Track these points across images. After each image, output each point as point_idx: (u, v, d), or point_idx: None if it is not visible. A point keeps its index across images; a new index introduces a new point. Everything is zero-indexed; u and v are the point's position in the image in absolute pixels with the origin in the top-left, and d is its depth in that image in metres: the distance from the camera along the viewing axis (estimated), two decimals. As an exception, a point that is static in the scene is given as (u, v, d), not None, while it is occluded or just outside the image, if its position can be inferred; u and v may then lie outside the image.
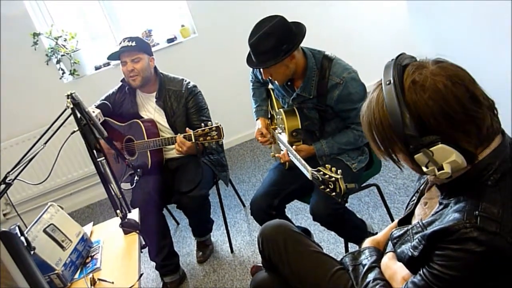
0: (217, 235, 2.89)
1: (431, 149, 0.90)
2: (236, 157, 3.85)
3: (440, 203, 1.02)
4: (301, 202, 2.74)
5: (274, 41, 1.84)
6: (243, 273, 2.50)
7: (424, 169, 0.94)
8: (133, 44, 2.40)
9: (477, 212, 0.89)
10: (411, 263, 1.02)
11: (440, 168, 0.92)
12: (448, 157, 0.91)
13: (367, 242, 1.36)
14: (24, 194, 3.62)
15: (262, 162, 3.64)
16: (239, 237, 2.82)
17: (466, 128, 0.91)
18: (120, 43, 2.43)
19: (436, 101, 0.89)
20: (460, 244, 0.88)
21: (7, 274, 0.98)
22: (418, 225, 1.05)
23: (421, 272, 0.98)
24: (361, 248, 1.34)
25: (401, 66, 0.96)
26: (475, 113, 0.91)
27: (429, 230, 0.95)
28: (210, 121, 2.52)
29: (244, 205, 3.13)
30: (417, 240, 1.00)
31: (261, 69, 1.99)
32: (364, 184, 2.26)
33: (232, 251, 2.71)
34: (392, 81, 0.93)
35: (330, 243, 2.47)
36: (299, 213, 2.83)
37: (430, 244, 0.94)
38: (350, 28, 3.84)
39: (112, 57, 2.46)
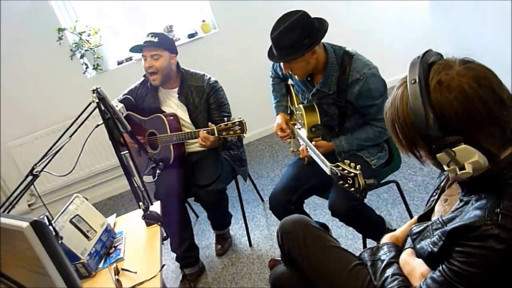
0: (236, 229, 2.93)
1: (453, 149, 0.91)
2: (255, 152, 3.88)
3: (461, 200, 1.03)
4: (320, 198, 2.75)
5: (296, 35, 1.85)
6: (261, 267, 2.53)
7: (446, 168, 0.95)
8: (155, 40, 2.42)
9: (498, 210, 0.89)
10: (431, 259, 1.03)
11: (462, 168, 0.92)
12: (470, 158, 0.91)
13: (386, 238, 1.37)
14: (49, 186, 3.73)
15: (281, 157, 3.66)
16: (258, 231, 2.85)
17: (490, 130, 0.91)
18: (145, 38, 2.45)
19: (461, 103, 0.89)
20: (480, 241, 0.89)
21: (37, 262, 1.02)
22: (438, 222, 1.05)
23: (440, 268, 0.98)
24: (380, 244, 1.35)
25: (427, 65, 0.96)
26: (500, 115, 0.91)
27: (450, 226, 0.96)
28: (231, 116, 2.55)
29: (262, 200, 3.15)
30: (437, 236, 1.01)
31: (282, 64, 2.00)
32: (384, 181, 2.26)
33: (250, 244, 2.75)
34: (417, 80, 0.92)
35: (348, 239, 2.48)
36: (317, 209, 2.85)
37: (450, 241, 0.95)
38: (371, 24, 3.83)
39: (134, 49, 2.47)
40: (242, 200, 2.79)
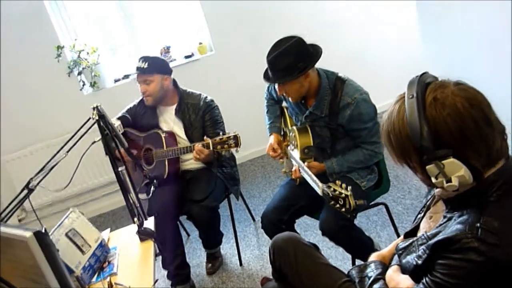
0: (227, 248, 2.95)
1: (443, 161, 0.97)
2: (248, 172, 3.93)
3: (445, 217, 1.08)
4: (310, 219, 2.80)
5: (291, 59, 1.94)
6: (252, 286, 2.54)
7: (434, 180, 1.00)
8: (145, 66, 2.49)
9: (478, 224, 0.95)
10: (416, 272, 1.08)
11: (449, 180, 0.98)
12: (457, 171, 0.97)
13: (373, 256, 1.42)
14: (39, 201, 3.72)
15: (273, 178, 3.70)
16: (248, 251, 2.87)
17: (477, 147, 0.98)
18: (138, 62, 2.53)
19: (454, 119, 0.96)
20: (461, 253, 0.94)
21: (37, 271, 1.05)
22: (423, 237, 1.11)
23: (423, 280, 1.03)
24: (368, 262, 1.40)
25: (425, 83, 1.03)
26: (487, 135, 0.98)
27: (433, 240, 1.01)
28: (225, 133, 2.60)
29: (254, 220, 3.18)
30: (421, 250, 1.06)
31: (276, 85, 2.07)
32: (373, 203, 2.32)
33: (241, 264, 2.76)
34: (415, 96, 1.00)
35: (338, 260, 2.52)
36: (308, 230, 2.88)
37: (433, 253, 1.00)
38: (363, 51, 3.95)
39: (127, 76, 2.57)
40: (234, 219, 2.82)
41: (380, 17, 3.93)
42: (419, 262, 1.06)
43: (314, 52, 2.01)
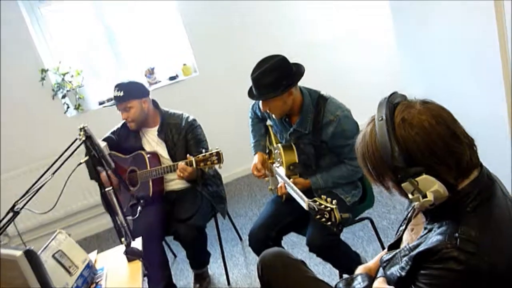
0: (214, 268, 2.93)
1: (416, 179, 1.01)
2: (233, 191, 3.94)
3: (425, 228, 1.12)
4: (297, 236, 2.82)
5: (275, 76, 2.00)
6: (240, 305, 2.54)
7: (410, 196, 1.04)
8: (121, 94, 2.53)
9: (457, 234, 0.98)
10: (400, 284, 1.11)
11: (424, 196, 1.02)
12: (431, 187, 1.01)
13: (360, 269, 1.45)
14: (22, 225, 3.65)
15: (259, 197, 3.72)
16: (236, 270, 2.87)
17: (447, 162, 1.02)
18: (114, 91, 2.55)
19: (422, 137, 1.01)
20: (442, 263, 0.98)
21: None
22: (406, 249, 1.14)
23: None
24: (354, 275, 1.42)
25: (393, 104, 1.07)
26: (455, 148, 1.02)
27: (415, 251, 1.04)
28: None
29: (241, 239, 3.18)
30: (404, 261, 1.09)
31: (260, 102, 2.12)
32: (358, 217, 2.35)
33: (229, 283, 2.75)
34: (384, 118, 1.04)
35: (325, 276, 2.53)
36: (294, 247, 2.89)
37: (415, 265, 1.04)
38: (343, 69, 4.05)
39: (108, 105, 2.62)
40: (220, 239, 2.82)
41: (359, 37, 4.05)
42: (403, 273, 1.09)
43: (297, 70, 2.08)
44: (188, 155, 2.35)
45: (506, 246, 1.01)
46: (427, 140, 1.00)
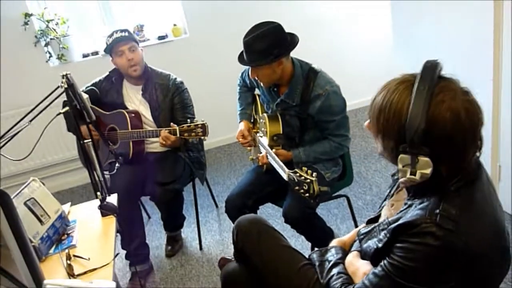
0: (188, 232, 2.94)
1: (419, 157, 1.00)
2: (213, 159, 3.92)
3: (406, 204, 1.13)
4: (273, 208, 2.85)
5: (267, 43, 1.96)
6: (210, 270, 2.56)
7: (400, 166, 1.04)
8: (126, 34, 2.47)
9: (438, 211, 0.99)
10: (376, 256, 1.12)
11: (413, 173, 1.02)
12: (424, 169, 1.01)
13: (334, 242, 1.46)
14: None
15: (239, 167, 3.72)
16: (209, 236, 2.88)
17: (453, 156, 1.02)
18: (112, 36, 2.47)
19: (451, 126, 0.98)
20: (419, 237, 0.99)
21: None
22: (384, 222, 1.15)
23: (382, 263, 1.07)
24: (328, 247, 1.44)
25: (438, 78, 1.02)
26: (468, 147, 1.02)
27: (394, 224, 1.05)
28: (195, 118, 2.59)
29: (217, 206, 3.19)
30: (383, 234, 1.10)
31: (249, 69, 2.08)
32: (335, 194, 2.37)
33: (201, 248, 2.77)
34: (426, 89, 0.99)
35: (297, 249, 2.56)
36: (270, 218, 2.92)
37: (393, 237, 1.05)
38: (338, 48, 4.05)
39: (108, 49, 2.50)
40: (197, 204, 2.82)
41: (357, 18, 4.03)
42: (380, 245, 1.10)
43: (290, 40, 2.04)
44: (172, 123, 2.31)
45: (483, 230, 1.02)
46: (453, 130, 0.98)
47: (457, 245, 0.97)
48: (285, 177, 1.82)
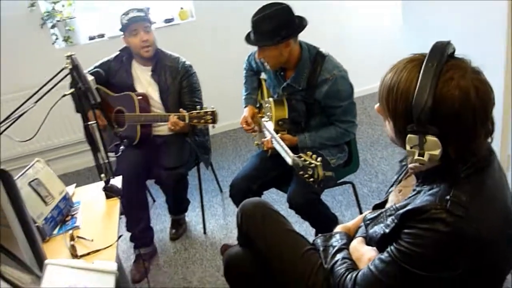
0: (192, 216, 2.95)
1: (427, 137, 0.98)
2: (219, 144, 3.91)
3: (414, 190, 1.11)
4: (277, 194, 2.83)
5: (275, 24, 1.94)
6: (214, 254, 2.56)
7: (408, 147, 1.01)
8: (142, 14, 2.45)
9: (448, 197, 0.97)
10: (382, 241, 1.10)
11: (421, 154, 1.00)
12: (433, 150, 0.98)
13: (338, 228, 1.45)
14: (1, 155, 3.59)
15: (244, 152, 3.71)
16: (213, 220, 2.89)
17: (462, 137, 0.99)
18: (128, 14, 2.44)
19: (459, 104, 0.95)
20: (428, 223, 0.97)
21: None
22: (392, 208, 1.14)
23: (388, 249, 1.06)
24: (333, 232, 1.43)
25: (447, 56, 0.99)
26: (477, 129, 0.98)
27: (402, 210, 1.03)
28: (202, 103, 2.58)
29: (221, 190, 3.19)
30: (390, 220, 1.09)
31: (256, 49, 2.06)
32: (340, 181, 2.36)
33: (205, 232, 2.78)
34: (434, 67, 0.96)
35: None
36: (274, 204, 2.81)
37: (401, 223, 1.03)
38: (348, 33, 3.98)
39: (123, 27, 2.47)
40: (201, 188, 2.82)
41: (365, 2, 3.96)
42: (387, 230, 1.08)
43: (299, 23, 2.01)
44: (181, 109, 2.29)
45: (493, 217, 1.00)
46: (461, 108, 0.95)
47: (467, 232, 0.95)
48: (289, 161, 1.81)
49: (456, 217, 0.95)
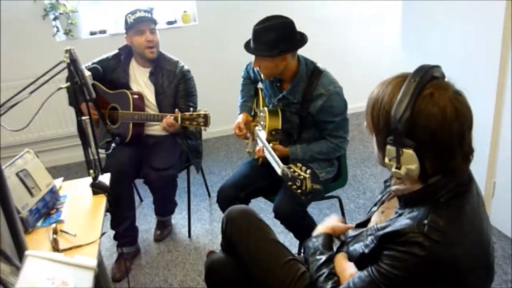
0: (178, 219, 2.95)
1: (403, 149, 1.00)
2: (211, 149, 3.92)
3: (396, 212, 1.12)
4: (265, 203, 2.84)
5: (276, 36, 1.96)
6: (197, 258, 2.56)
7: (386, 160, 1.04)
8: (149, 15, 2.48)
9: (426, 221, 0.99)
10: (361, 260, 1.12)
11: (398, 168, 1.02)
12: (410, 164, 1.01)
13: (326, 228, 1.46)
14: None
15: (235, 159, 3.72)
16: (199, 224, 2.88)
17: (438, 155, 1.01)
18: (135, 13, 2.46)
19: (436, 121, 0.97)
20: (406, 246, 0.98)
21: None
22: (373, 228, 1.15)
23: (368, 269, 1.07)
24: (319, 234, 1.44)
25: (431, 76, 1.02)
26: (453, 149, 1.00)
27: (382, 231, 1.05)
28: (197, 108, 2.59)
29: (209, 195, 3.19)
30: (369, 239, 1.10)
31: (253, 58, 2.08)
32: (328, 195, 2.37)
33: (190, 236, 2.77)
34: (416, 82, 1.00)
35: (285, 245, 2.56)
36: (261, 213, 2.84)
37: (380, 244, 1.04)
38: (345, 50, 4.02)
39: (129, 27, 2.49)
40: (190, 191, 2.82)
41: (365, 20, 4.01)
42: (366, 250, 1.10)
43: (300, 39, 2.04)
44: (176, 110, 2.30)
45: (470, 243, 1.02)
46: (438, 126, 0.97)
47: (443, 257, 0.96)
48: (279, 171, 1.82)
49: (432, 241, 0.96)
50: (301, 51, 2.12)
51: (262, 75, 2.14)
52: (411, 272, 0.99)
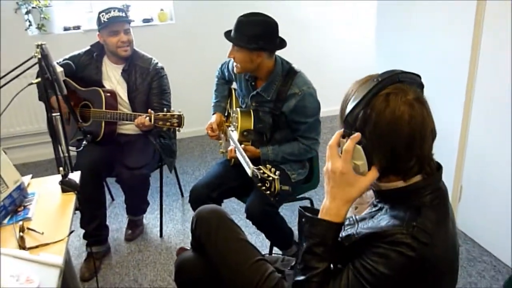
0: (150, 218, 2.93)
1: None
2: (185, 148, 3.91)
3: (374, 205, 1.14)
4: (237, 204, 2.86)
5: (257, 32, 2.01)
6: (167, 258, 2.55)
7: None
8: (123, 14, 2.45)
9: (415, 223, 1.00)
10: (337, 250, 1.11)
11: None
12: (357, 159, 1.04)
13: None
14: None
15: (209, 159, 3.72)
16: (171, 224, 2.88)
17: (384, 156, 1.02)
18: (109, 13, 2.42)
19: (387, 121, 0.99)
20: (393, 245, 0.99)
21: None
22: (351, 219, 1.17)
23: (355, 265, 1.06)
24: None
25: (397, 79, 1.03)
26: (399, 155, 1.02)
27: (366, 230, 1.06)
28: (170, 105, 2.58)
29: (182, 195, 3.19)
30: (350, 231, 1.12)
31: (231, 45, 2.10)
32: (299, 196, 2.40)
33: (161, 235, 2.76)
34: (377, 82, 1.02)
35: (257, 246, 2.58)
36: (233, 213, 2.93)
37: (364, 242, 1.05)
38: (319, 54, 4.08)
39: (103, 26, 2.44)
40: (162, 191, 2.81)
41: (341, 26, 4.08)
42: (346, 243, 1.11)
43: (279, 42, 2.09)
44: (149, 110, 2.29)
45: (449, 247, 1.05)
46: (387, 126, 0.99)
47: (429, 258, 0.98)
48: (249, 172, 1.84)
49: (420, 243, 0.98)
50: (278, 52, 2.15)
51: (235, 69, 2.15)
52: (398, 272, 0.99)
